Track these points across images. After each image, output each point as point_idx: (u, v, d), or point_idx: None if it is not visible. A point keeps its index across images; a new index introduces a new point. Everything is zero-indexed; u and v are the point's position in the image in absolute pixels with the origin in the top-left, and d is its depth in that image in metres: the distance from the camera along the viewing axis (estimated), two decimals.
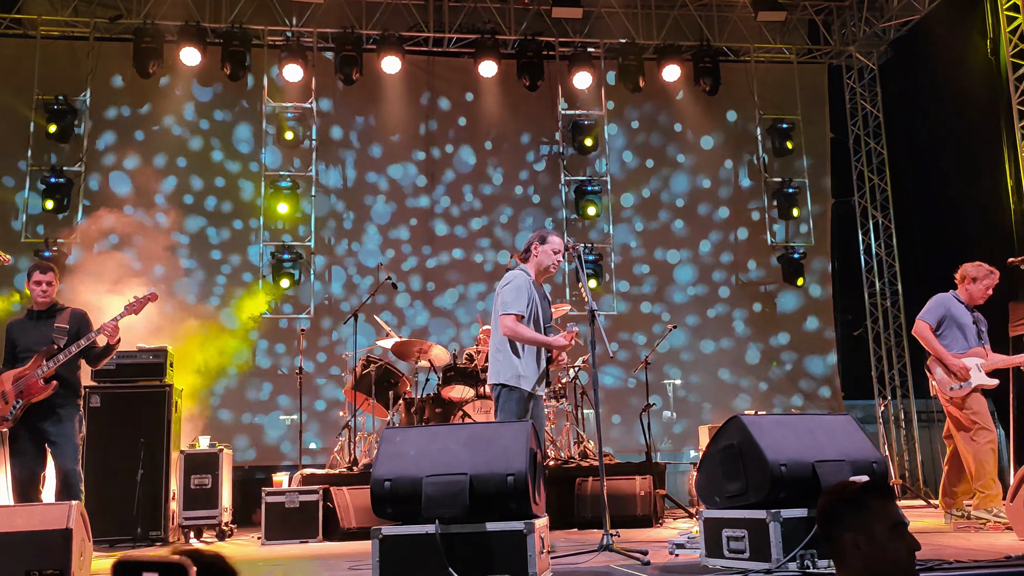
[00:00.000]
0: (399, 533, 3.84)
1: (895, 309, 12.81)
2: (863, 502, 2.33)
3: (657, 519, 7.93)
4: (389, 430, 4.23)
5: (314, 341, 11.50)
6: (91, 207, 11.41)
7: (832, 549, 2.39)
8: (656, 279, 12.55)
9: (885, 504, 2.33)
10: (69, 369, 5.77)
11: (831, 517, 2.38)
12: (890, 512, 2.32)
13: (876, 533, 2.28)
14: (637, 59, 12.40)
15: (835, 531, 2.35)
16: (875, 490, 2.36)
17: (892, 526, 2.30)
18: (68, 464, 5.60)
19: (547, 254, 5.59)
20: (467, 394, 8.42)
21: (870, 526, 2.29)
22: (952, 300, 6.71)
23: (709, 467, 4.54)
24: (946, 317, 6.64)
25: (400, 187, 12.24)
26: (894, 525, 2.30)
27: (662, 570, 4.22)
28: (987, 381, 6.42)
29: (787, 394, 12.42)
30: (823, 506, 2.43)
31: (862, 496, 2.34)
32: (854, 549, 2.29)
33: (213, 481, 7.86)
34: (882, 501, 2.33)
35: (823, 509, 2.42)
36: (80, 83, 11.51)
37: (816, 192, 13.00)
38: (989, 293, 6.71)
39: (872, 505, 2.32)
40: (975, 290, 6.66)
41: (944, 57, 11.68)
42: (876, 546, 2.27)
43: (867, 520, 2.30)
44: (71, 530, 4.13)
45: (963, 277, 6.74)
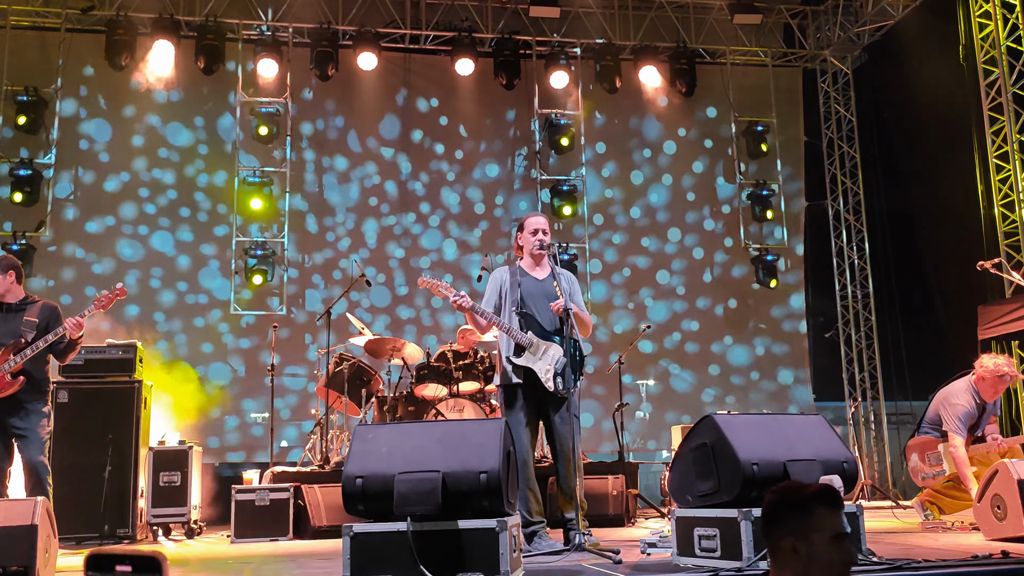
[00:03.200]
0: (370, 530, 3.81)
1: (866, 312, 12.92)
2: (808, 509, 2.31)
3: (629, 518, 7.94)
4: (362, 427, 4.20)
5: (286, 338, 11.41)
6: (60, 200, 11.26)
7: (770, 549, 2.37)
8: (630, 279, 12.57)
9: (830, 514, 2.31)
10: (37, 364, 5.67)
11: (773, 518, 2.36)
12: (834, 522, 2.30)
13: (816, 542, 2.26)
14: (614, 59, 12.42)
15: (775, 532, 2.33)
16: (822, 498, 2.32)
17: (833, 536, 2.28)
18: (35, 457, 5.51)
19: (527, 239, 5.59)
20: (440, 392, 8.39)
21: (810, 534, 2.27)
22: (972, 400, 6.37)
23: (681, 466, 4.55)
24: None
25: (375, 184, 12.18)
26: (835, 536, 2.28)
27: (634, 569, 4.22)
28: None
29: (759, 395, 12.49)
30: (767, 504, 2.41)
31: (808, 503, 2.32)
32: (791, 553, 2.28)
33: (182, 478, 7.76)
34: (828, 510, 2.31)
35: (767, 507, 2.40)
36: (51, 75, 11.34)
37: (790, 195, 13.10)
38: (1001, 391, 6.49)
39: (816, 513, 2.30)
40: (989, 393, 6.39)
41: (917, 62, 11.81)
42: (814, 554, 2.26)
43: (809, 527, 2.28)
44: (36, 526, 4.06)
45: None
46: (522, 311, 5.42)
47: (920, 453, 6.54)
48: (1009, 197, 10.03)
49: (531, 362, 5.30)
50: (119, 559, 1.07)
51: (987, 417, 6.51)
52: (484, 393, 8.54)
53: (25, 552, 4.01)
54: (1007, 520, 5.06)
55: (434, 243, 12.19)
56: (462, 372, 8.45)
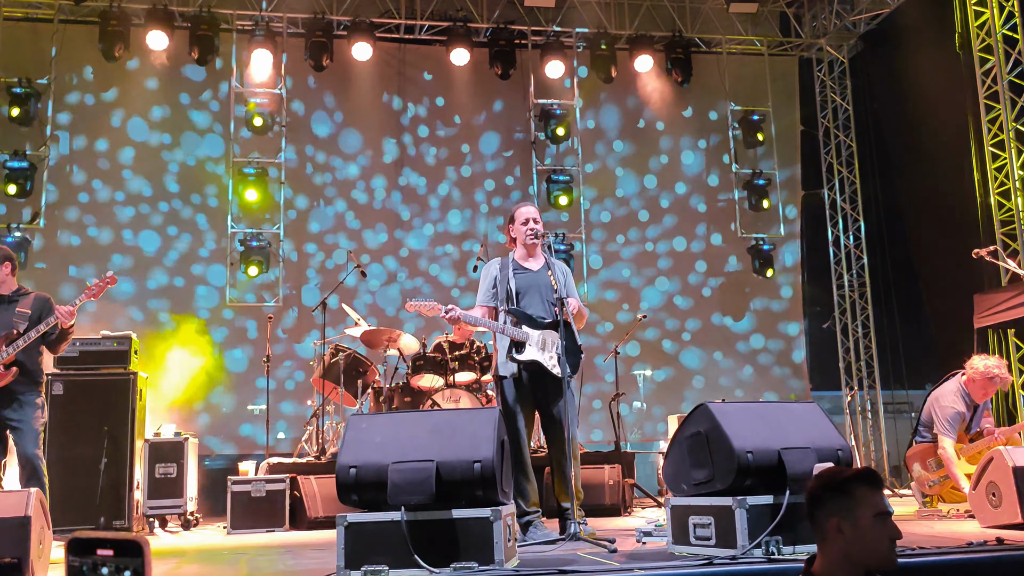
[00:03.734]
0: (364, 520, 3.81)
1: (863, 301, 12.91)
2: (850, 490, 2.40)
3: (626, 508, 7.96)
4: (355, 417, 4.19)
5: (281, 329, 11.40)
6: (54, 192, 11.23)
7: (816, 531, 2.45)
8: (626, 269, 12.56)
9: (872, 493, 2.40)
10: (30, 355, 5.66)
11: (817, 500, 2.45)
12: (876, 501, 2.39)
13: (860, 520, 2.35)
14: (609, 49, 12.38)
15: (820, 514, 2.42)
16: (863, 479, 2.42)
17: (877, 515, 2.36)
18: (30, 449, 5.51)
19: (519, 229, 5.57)
20: (436, 383, 8.39)
21: (855, 512, 2.36)
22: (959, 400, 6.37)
23: (676, 455, 4.54)
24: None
25: (370, 174, 12.14)
26: (878, 514, 2.37)
27: (629, 557, 4.22)
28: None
29: (755, 385, 12.49)
30: (811, 489, 2.49)
31: (850, 483, 2.41)
32: (837, 533, 2.37)
33: (178, 470, 7.77)
34: (869, 490, 2.40)
35: (811, 492, 2.49)
36: (44, 66, 11.28)
37: (786, 184, 13.09)
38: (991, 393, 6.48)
39: (858, 493, 2.39)
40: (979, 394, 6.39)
41: (913, 51, 11.78)
42: (859, 532, 2.34)
43: (852, 507, 2.37)
44: (29, 518, 4.05)
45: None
46: (512, 308, 5.40)
47: (921, 462, 6.54)
48: (1005, 185, 10.02)
49: (533, 354, 5.29)
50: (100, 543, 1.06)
51: (980, 414, 6.51)
52: (480, 383, 8.55)
53: (18, 544, 4.00)
54: (1002, 507, 5.06)
55: (429, 234, 12.17)
56: (458, 363, 8.46)
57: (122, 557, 1.07)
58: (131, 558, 1.07)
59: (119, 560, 1.07)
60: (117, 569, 1.07)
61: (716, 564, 3.72)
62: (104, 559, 1.07)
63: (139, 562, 1.08)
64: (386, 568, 3.69)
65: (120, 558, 1.07)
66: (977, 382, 6.33)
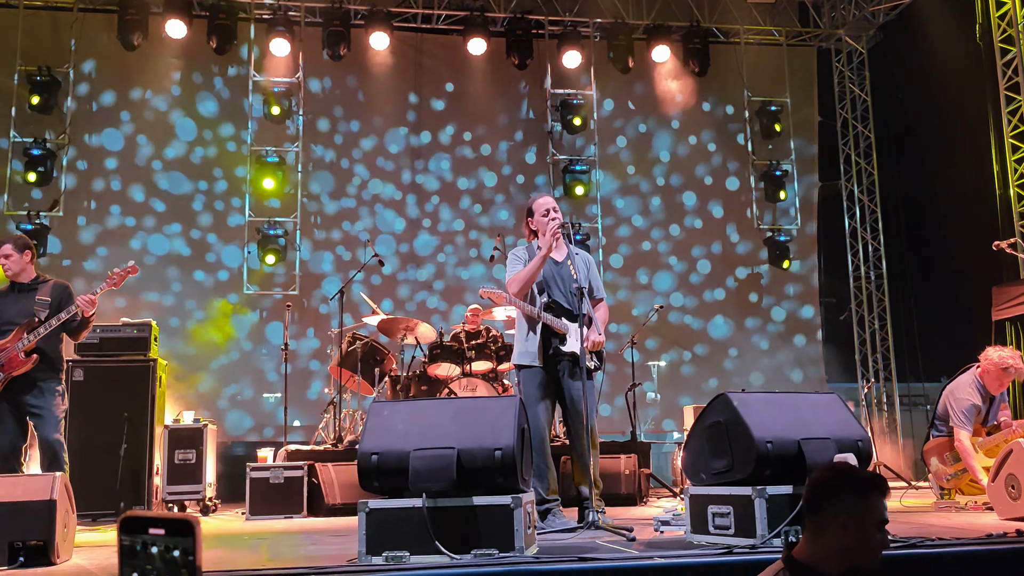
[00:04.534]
0: (386, 506, 3.83)
1: (879, 293, 12.87)
2: (867, 493, 2.45)
3: (642, 498, 7.97)
4: (377, 404, 4.22)
5: (299, 317, 11.45)
6: (74, 179, 11.31)
7: (816, 522, 2.46)
8: (642, 259, 12.55)
9: (881, 501, 2.46)
10: (50, 343, 5.70)
11: (830, 492, 2.46)
12: (882, 510, 2.46)
13: (866, 524, 2.41)
14: (627, 39, 12.36)
15: (829, 507, 2.44)
16: (878, 486, 2.48)
17: (879, 522, 2.44)
18: (51, 435, 5.55)
19: (539, 221, 5.54)
20: (453, 372, 8.42)
21: (863, 516, 2.41)
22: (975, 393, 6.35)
23: (695, 444, 4.55)
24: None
25: (387, 163, 12.17)
26: (880, 522, 2.44)
27: (648, 546, 4.23)
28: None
29: (771, 376, 12.47)
30: (824, 479, 2.51)
31: (868, 488, 2.46)
32: (842, 530, 2.40)
33: (197, 456, 7.83)
34: (880, 497, 2.46)
35: (823, 482, 2.50)
36: (64, 54, 11.36)
37: (803, 175, 13.04)
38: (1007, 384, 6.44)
39: (871, 498, 2.44)
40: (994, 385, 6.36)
41: (933, 41, 11.69)
42: (861, 535, 2.40)
43: (864, 509, 2.42)
44: (55, 501, 4.10)
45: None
46: (546, 301, 5.41)
47: (939, 456, 6.52)
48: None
49: (573, 346, 5.31)
50: (152, 522, 1.08)
51: (997, 406, 6.48)
52: (497, 372, 8.57)
53: (44, 526, 4.06)
54: (1021, 499, 5.05)
55: (446, 223, 12.19)
56: (475, 352, 8.48)
57: (173, 536, 1.09)
58: (182, 537, 1.09)
59: (170, 539, 1.09)
60: (168, 548, 1.09)
61: (735, 553, 3.73)
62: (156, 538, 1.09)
63: (190, 541, 1.10)
64: (407, 554, 3.72)
65: (171, 537, 1.09)
66: (992, 373, 6.30)
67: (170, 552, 1.08)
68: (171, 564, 1.09)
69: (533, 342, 5.36)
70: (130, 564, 1.10)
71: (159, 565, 1.09)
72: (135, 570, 1.10)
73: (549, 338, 5.36)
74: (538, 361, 5.32)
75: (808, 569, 2.39)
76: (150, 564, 1.09)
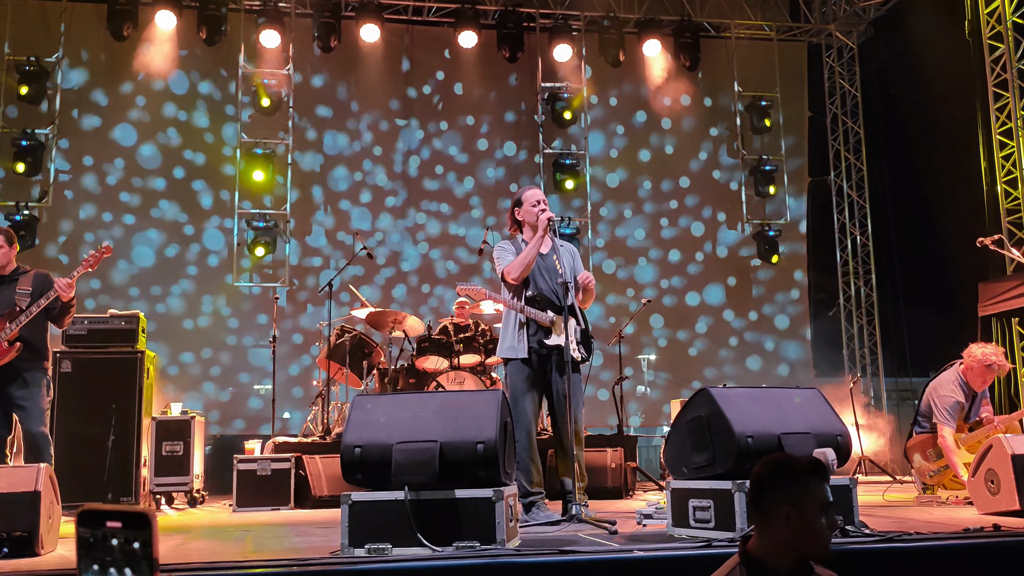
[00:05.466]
0: (368, 499, 3.85)
1: (868, 288, 12.93)
2: (803, 479, 2.44)
3: (628, 491, 8.01)
4: (361, 397, 4.24)
5: (288, 310, 11.46)
6: (63, 170, 11.27)
7: (761, 516, 2.48)
8: (631, 253, 12.58)
9: (820, 484, 2.44)
10: (34, 332, 5.68)
11: (769, 486, 2.47)
12: (823, 492, 2.44)
13: (808, 510, 2.40)
14: (618, 33, 12.37)
15: (768, 501, 2.45)
16: (814, 470, 2.47)
17: (822, 506, 2.42)
18: (35, 427, 5.55)
19: (528, 211, 5.54)
20: (441, 365, 8.44)
21: (804, 503, 2.40)
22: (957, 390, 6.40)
23: (677, 438, 4.58)
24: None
25: (377, 156, 12.17)
26: (824, 505, 2.42)
27: (628, 539, 4.26)
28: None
29: (759, 371, 12.53)
30: (764, 473, 2.51)
31: (803, 473, 2.45)
32: (784, 521, 2.40)
33: (184, 448, 7.83)
34: (818, 481, 2.45)
35: (763, 476, 2.51)
36: (52, 44, 11.32)
37: (793, 170, 13.08)
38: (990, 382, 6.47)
39: (810, 483, 2.43)
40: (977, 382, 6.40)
41: (923, 37, 11.73)
42: (805, 521, 2.39)
43: (803, 497, 2.41)
44: (39, 492, 4.11)
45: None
46: (531, 294, 5.42)
47: (921, 452, 6.57)
48: (1012, 174, 10.00)
49: (558, 340, 5.32)
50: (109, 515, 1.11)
51: (979, 403, 6.53)
52: (485, 366, 8.59)
53: (28, 518, 4.07)
54: (1000, 494, 5.10)
55: (435, 215, 12.20)
56: (463, 345, 8.50)
57: (130, 529, 1.12)
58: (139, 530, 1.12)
59: (128, 532, 1.12)
60: (127, 540, 1.11)
61: (714, 546, 3.76)
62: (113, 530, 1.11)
63: (147, 533, 1.12)
64: (389, 546, 3.74)
65: (128, 530, 1.12)
66: (975, 370, 6.35)
67: (130, 544, 1.11)
68: (131, 555, 1.12)
69: (518, 335, 5.38)
70: (90, 556, 1.12)
71: (118, 557, 1.11)
72: (95, 562, 1.12)
73: (535, 331, 5.38)
74: (524, 354, 5.34)
75: (760, 563, 2.41)
76: (109, 556, 1.11)
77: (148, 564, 1.13)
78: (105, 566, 1.11)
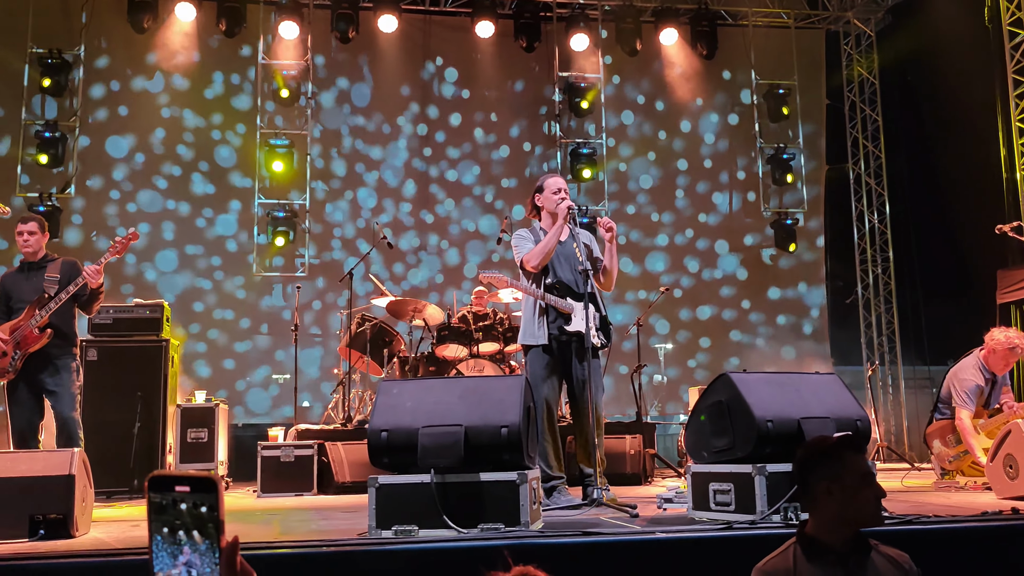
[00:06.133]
0: (395, 482, 3.93)
1: (885, 276, 12.91)
2: (836, 454, 2.53)
3: (647, 477, 8.07)
4: (386, 382, 4.31)
5: (309, 299, 11.56)
6: (85, 161, 11.40)
7: (806, 497, 2.58)
8: (649, 242, 12.61)
9: (856, 456, 2.54)
10: (64, 319, 5.79)
11: (807, 467, 2.57)
12: (860, 464, 2.52)
13: (847, 482, 2.48)
14: (635, 22, 12.37)
15: (811, 479, 2.54)
16: (847, 444, 2.56)
17: (862, 476, 2.50)
18: (66, 412, 5.67)
19: (548, 198, 5.59)
20: (461, 353, 8.51)
21: (842, 475, 2.48)
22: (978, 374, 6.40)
23: (697, 423, 4.63)
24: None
25: (395, 146, 12.24)
26: (863, 475, 2.50)
27: (650, 522, 4.32)
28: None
29: (777, 358, 12.53)
30: (800, 457, 2.62)
31: (836, 449, 2.55)
32: (827, 496, 2.48)
33: (209, 435, 7.97)
34: (853, 454, 2.54)
35: (800, 460, 2.62)
36: (74, 37, 11.43)
37: (811, 158, 13.06)
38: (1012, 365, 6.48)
39: (844, 457, 2.52)
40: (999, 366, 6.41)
41: (941, 24, 11.67)
42: (847, 493, 2.47)
43: (840, 470, 2.50)
44: (74, 476, 4.21)
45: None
46: (550, 282, 5.48)
47: (941, 438, 6.59)
48: None
49: (579, 326, 5.37)
50: (178, 480, 1.18)
51: (999, 389, 6.54)
52: (504, 354, 8.66)
53: (63, 500, 4.17)
54: (1019, 479, 5.13)
55: (454, 205, 12.26)
56: (482, 333, 8.57)
57: (198, 493, 1.19)
58: (207, 494, 1.19)
59: (196, 496, 1.19)
60: (196, 504, 1.19)
61: (735, 528, 3.82)
62: (182, 495, 1.19)
63: (214, 498, 1.19)
64: (415, 527, 3.82)
65: (196, 494, 1.19)
66: (998, 353, 6.37)
67: (198, 508, 1.18)
68: (199, 519, 1.19)
69: (539, 322, 5.44)
70: (160, 519, 1.19)
71: (187, 520, 1.19)
72: (165, 525, 1.19)
73: (555, 318, 5.44)
74: (544, 340, 5.40)
75: (815, 541, 2.48)
76: (179, 519, 1.18)
77: (215, 527, 1.20)
78: (174, 529, 1.19)
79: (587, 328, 5.21)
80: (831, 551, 2.46)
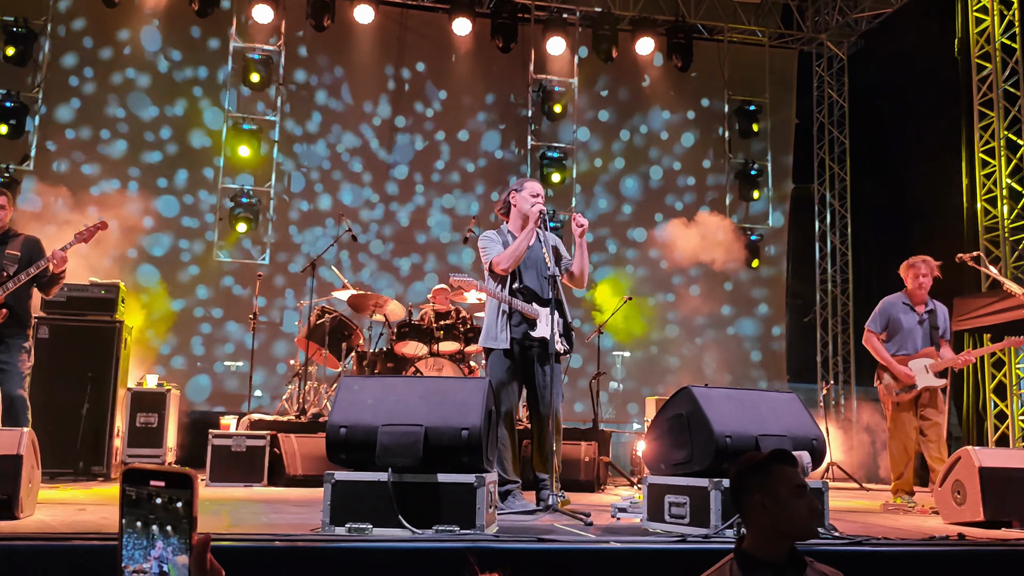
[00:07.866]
0: (352, 479, 3.89)
1: (844, 297, 13.09)
2: (768, 468, 2.55)
3: (600, 485, 8.09)
4: (348, 378, 4.27)
5: (269, 288, 11.42)
6: (47, 134, 11.16)
7: (742, 512, 2.60)
8: (614, 249, 12.65)
9: (787, 469, 2.56)
10: (19, 298, 5.67)
11: (741, 482, 2.60)
12: (791, 476, 2.55)
13: (780, 494, 2.50)
14: (611, 29, 12.41)
15: (744, 494, 2.57)
16: (779, 458, 2.58)
17: (794, 488, 2.52)
18: (14, 390, 5.55)
19: (524, 199, 5.59)
20: (420, 351, 8.47)
21: (775, 488, 2.50)
22: (895, 303, 6.79)
23: (657, 435, 4.65)
24: (890, 321, 6.77)
25: (365, 138, 12.15)
26: (795, 487, 2.52)
27: (604, 531, 4.33)
28: (934, 382, 6.54)
29: (733, 373, 12.64)
30: (735, 472, 2.65)
31: (767, 463, 2.57)
32: (761, 510, 2.50)
33: (159, 420, 7.85)
34: (784, 467, 2.56)
35: (735, 475, 2.64)
36: (42, 7, 11.18)
37: (777, 176, 13.20)
38: (923, 282, 6.73)
39: (776, 470, 2.54)
40: (910, 285, 6.76)
41: (912, 53, 11.87)
42: (780, 506, 2.48)
43: (772, 483, 2.52)
44: (21, 456, 4.11)
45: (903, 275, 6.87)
46: (516, 287, 5.47)
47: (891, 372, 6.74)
48: (992, 193, 10.16)
49: (543, 331, 5.37)
50: (153, 475, 1.15)
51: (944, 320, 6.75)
52: (464, 354, 8.63)
53: (10, 481, 4.07)
54: (966, 505, 5.22)
55: (421, 202, 12.20)
56: (443, 332, 8.53)
57: (173, 488, 1.16)
58: (181, 489, 1.16)
59: (171, 491, 1.16)
60: (170, 500, 1.16)
61: (689, 541, 3.83)
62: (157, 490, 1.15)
63: (189, 494, 1.16)
64: (370, 526, 3.79)
65: (171, 489, 1.16)
66: (905, 278, 6.78)
67: (173, 503, 1.15)
68: (173, 514, 1.16)
69: (501, 325, 5.43)
70: (133, 513, 1.16)
71: (162, 515, 1.15)
72: (138, 519, 1.16)
73: (518, 322, 5.43)
74: (505, 344, 5.39)
75: (750, 556, 2.50)
76: (152, 514, 1.15)
77: (188, 523, 1.17)
78: (148, 523, 1.16)
79: (551, 334, 5.20)
80: (766, 565, 2.48)
